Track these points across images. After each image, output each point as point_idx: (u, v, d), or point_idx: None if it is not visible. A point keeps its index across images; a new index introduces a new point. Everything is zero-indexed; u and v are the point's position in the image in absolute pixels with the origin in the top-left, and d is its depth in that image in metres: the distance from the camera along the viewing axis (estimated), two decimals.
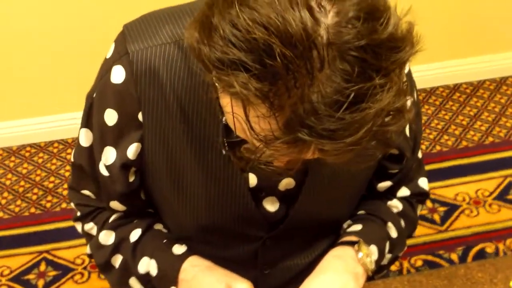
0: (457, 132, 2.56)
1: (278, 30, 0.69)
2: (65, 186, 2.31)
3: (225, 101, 0.78)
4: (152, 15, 1.00)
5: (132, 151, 1.01)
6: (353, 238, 1.10)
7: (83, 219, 1.16)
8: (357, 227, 1.13)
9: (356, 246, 1.07)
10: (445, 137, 2.54)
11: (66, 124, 2.45)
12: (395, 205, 1.19)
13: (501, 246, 2.13)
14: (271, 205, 1.08)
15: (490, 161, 2.45)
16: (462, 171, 2.41)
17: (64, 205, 2.25)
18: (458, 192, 2.33)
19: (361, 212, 1.18)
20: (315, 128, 0.69)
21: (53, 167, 2.39)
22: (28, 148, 2.46)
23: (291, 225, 1.10)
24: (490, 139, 2.54)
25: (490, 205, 2.28)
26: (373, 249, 1.10)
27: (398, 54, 0.71)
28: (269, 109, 0.70)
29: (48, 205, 2.25)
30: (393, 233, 1.16)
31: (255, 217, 1.07)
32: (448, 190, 2.33)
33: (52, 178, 2.35)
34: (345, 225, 1.17)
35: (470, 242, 2.15)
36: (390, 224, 1.16)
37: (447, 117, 2.63)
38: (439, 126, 2.59)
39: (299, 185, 1.05)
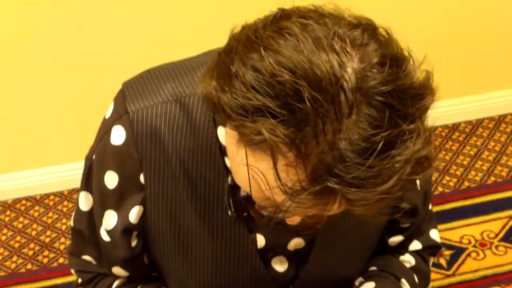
0: (458, 173, 2.54)
1: (306, 73, 0.67)
2: (62, 240, 2.26)
3: (240, 156, 0.75)
4: (151, 72, 0.97)
5: (134, 214, 0.98)
6: None
7: (85, 286, 1.12)
8: (370, 285, 1.09)
9: None
10: (447, 178, 2.52)
11: (62, 176, 2.42)
12: (408, 259, 1.15)
13: None
14: (280, 265, 1.04)
15: (494, 201, 2.42)
16: (465, 213, 2.37)
17: (61, 260, 2.20)
18: (463, 234, 2.29)
19: (373, 268, 1.14)
20: (344, 177, 0.67)
21: (49, 221, 2.34)
22: (23, 201, 2.42)
23: (301, 285, 1.06)
24: (492, 178, 2.51)
25: (496, 247, 2.24)
26: None
27: (421, 102, 0.70)
28: (296, 157, 0.68)
29: (45, 260, 2.20)
30: None
31: (264, 278, 1.03)
32: (452, 232, 2.30)
33: (48, 232, 2.30)
34: (357, 283, 1.13)
35: (479, 286, 2.11)
36: (403, 281, 1.12)
37: (447, 157, 2.61)
38: (440, 167, 2.56)
39: (309, 244, 1.02)
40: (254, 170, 0.74)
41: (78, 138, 2.30)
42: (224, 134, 0.90)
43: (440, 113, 2.69)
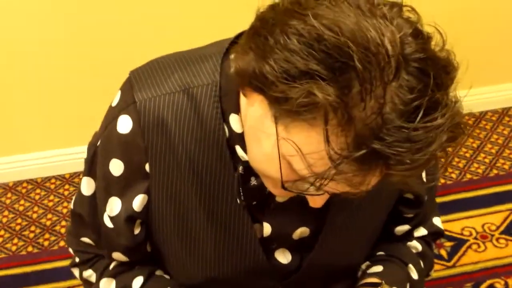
0: (460, 165, 2.53)
1: (353, 36, 0.68)
2: (63, 223, 2.26)
3: (272, 132, 0.75)
4: (159, 61, 0.96)
5: (138, 202, 0.97)
6: (375, 280, 1.07)
7: (82, 265, 1.12)
8: (378, 268, 1.09)
9: (379, 287, 1.03)
10: (449, 169, 2.51)
11: (63, 159, 2.41)
12: (415, 246, 1.16)
13: (510, 282, 2.09)
14: (283, 257, 1.04)
15: (496, 194, 2.42)
16: (467, 205, 2.38)
17: (62, 243, 2.20)
18: (464, 226, 2.29)
19: (381, 253, 1.14)
20: (388, 140, 0.68)
21: (50, 204, 2.34)
22: (24, 184, 2.42)
23: (305, 274, 1.06)
24: (495, 171, 2.51)
25: (497, 239, 2.24)
26: None
27: (449, 73, 0.73)
28: (342, 121, 0.68)
29: (46, 243, 2.20)
30: (414, 275, 1.13)
31: (267, 269, 1.03)
32: (454, 224, 2.30)
33: (49, 215, 2.30)
34: (364, 266, 1.13)
35: (479, 278, 2.11)
36: (411, 266, 1.13)
37: (450, 149, 2.59)
38: (442, 159, 2.55)
39: (314, 233, 1.02)
40: (290, 144, 0.73)
41: (80, 122, 2.30)
42: (238, 120, 0.90)
43: None
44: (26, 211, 2.32)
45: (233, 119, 0.90)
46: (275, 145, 0.76)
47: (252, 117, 0.80)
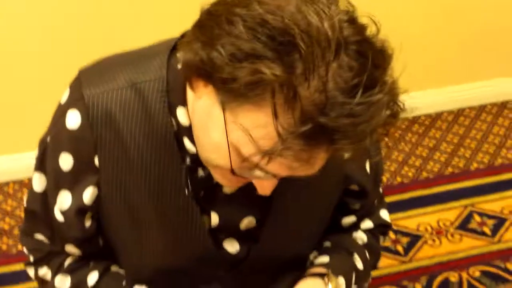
0: (417, 164, 2.58)
1: (296, 20, 0.72)
2: (19, 232, 2.25)
3: (219, 120, 0.78)
4: (108, 60, 0.98)
5: (88, 195, 0.99)
6: (321, 270, 1.09)
7: (37, 263, 1.12)
8: (325, 258, 1.12)
9: (325, 278, 1.06)
10: (406, 168, 2.56)
11: (22, 164, 2.40)
12: (360, 237, 1.19)
13: (464, 275, 2.13)
14: (231, 247, 1.06)
15: (450, 191, 2.47)
16: (423, 202, 2.42)
17: (20, 247, 2.19)
18: (420, 222, 2.33)
19: (327, 244, 1.17)
20: (332, 115, 0.72)
21: (8, 208, 2.33)
22: None
23: (253, 264, 1.08)
24: (450, 169, 2.56)
25: (452, 234, 2.29)
26: (341, 281, 1.09)
27: (385, 56, 0.78)
28: (288, 98, 0.72)
29: (4, 247, 2.19)
30: (359, 265, 1.16)
31: (216, 259, 1.05)
32: (410, 221, 2.34)
33: (7, 220, 2.29)
34: (311, 257, 1.16)
35: (434, 272, 2.15)
36: (356, 256, 1.16)
37: (406, 149, 2.65)
38: (400, 158, 2.60)
39: (260, 224, 1.04)
40: (238, 128, 0.76)
41: (39, 127, 2.29)
42: (185, 113, 0.92)
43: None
44: None
45: (180, 112, 0.93)
46: (223, 131, 0.79)
47: (200, 109, 0.83)
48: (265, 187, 0.88)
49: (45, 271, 1.12)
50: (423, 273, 2.14)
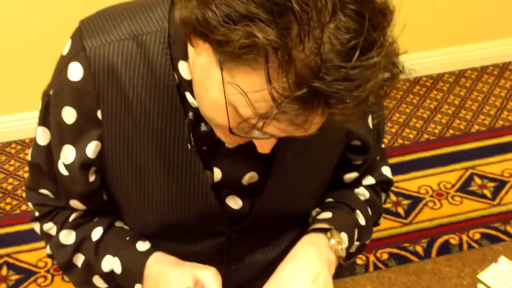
0: (418, 125, 2.58)
1: None
2: (24, 188, 2.26)
3: (217, 78, 0.77)
4: (108, 10, 0.97)
5: (91, 149, 0.99)
6: (324, 225, 1.10)
7: (42, 219, 1.13)
8: (327, 214, 1.13)
9: (328, 233, 1.07)
10: (407, 130, 2.56)
11: (24, 124, 2.41)
12: (362, 193, 1.20)
13: (464, 238, 2.15)
14: (234, 203, 1.07)
15: (451, 153, 2.48)
16: (424, 164, 2.43)
17: (24, 207, 2.20)
18: (421, 185, 2.34)
19: (330, 199, 1.18)
20: (327, 79, 0.71)
21: (11, 169, 2.34)
22: None
23: (256, 219, 1.09)
24: (451, 131, 2.56)
25: (452, 197, 2.30)
26: (344, 236, 1.10)
27: (386, 16, 0.75)
28: (283, 61, 0.71)
29: (8, 207, 2.20)
30: (362, 221, 1.16)
31: (219, 214, 1.06)
32: (411, 183, 2.35)
33: (10, 180, 2.30)
34: (314, 213, 1.17)
35: (434, 234, 2.17)
36: (358, 212, 1.16)
37: (408, 110, 2.65)
38: (401, 120, 2.60)
39: (263, 178, 1.05)
40: (235, 88, 0.76)
41: (39, 86, 2.29)
42: (187, 67, 0.92)
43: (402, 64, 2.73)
44: None
45: (182, 66, 0.93)
46: (221, 90, 0.78)
47: (199, 66, 0.83)
48: (264, 146, 0.88)
49: (50, 226, 1.13)
50: (423, 236, 2.17)
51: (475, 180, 2.36)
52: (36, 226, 1.16)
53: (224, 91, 0.78)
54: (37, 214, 1.14)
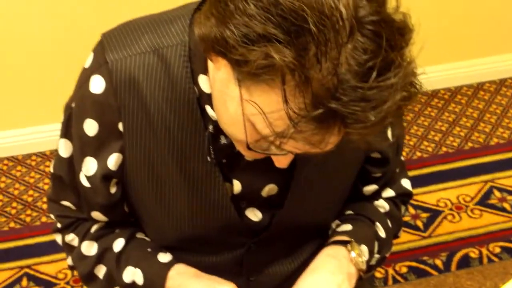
0: (436, 138, 2.58)
1: (308, 0, 0.71)
2: (45, 199, 2.27)
3: (236, 95, 0.78)
4: (130, 24, 0.99)
5: (113, 161, 1.00)
6: (344, 238, 1.10)
7: (64, 230, 1.14)
8: (347, 227, 1.13)
9: (349, 246, 1.07)
10: (425, 143, 2.56)
11: (44, 136, 2.43)
12: (382, 205, 1.19)
13: (484, 251, 2.13)
14: (253, 215, 1.07)
15: (470, 166, 2.46)
16: (443, 177, 2.42)
17: (44, 219, 2.22)
18: (440, 198, 2.33)
19: (349, 212, 1.18)
20: (344, 99, 0.71)
21: (31, 181, 2.36)
22: (5, 161, 2.43)
23: (275, 231, 1.09)
24: (470, 144, 2.55)
25: (472, 210, 2.29)
26: (364, 249, 1.10)
27: (404, 36, 0.75)
28: (300, 82, 0.71)
29: (28, 219, 2.22)
30: (382, 233, 1.16)
31: (239, 226, 1.07)
32: (429, 196, 2.34)
33: (31, 192, 2.32)
34: (333, 225, 1.17)
35: (454, 248, 2.16)
36: (378, 224, 1.16)
37: (426, 123, 2.64)
38: (419, 133, 2.60)
39: (282, 191, 1.05)
40: (252, 105, 0.76)
41: (59, 99, 2.30)
42: (207, 81, 0.93)
43: (420, 79, 2.72)
44: (7, 187, 2.33)
45: (202, 80, 0.94)
46: (239, 107, 0.79)
47: (218, 81, 0.84)
48: (281, 161, 0.89)
49: (72, 237, 1.14)
50: (443, 249, 2.15)
51: (495, 193, 2.35)
52: (58, 238, 1.17)
53: (242, 108, 0.79)
54: (59, 225, 1.15)
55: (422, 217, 2.26)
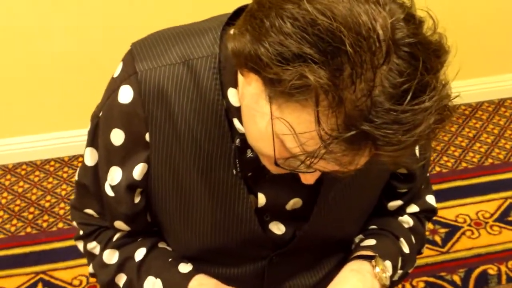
0: (456, 154, 2.56)
1: (345, 21, 0.70)
2: (62, 205, 2.28)
3: (266, 111, 0.77)
4: (160, 34, 0.98)
5: (138, 171, 1.00)
6: (369, 253, 1.09)
7: (86, 238, 1.14)
8: (371, 241, 1.12)
9: (373, 261, 1.06)
10: (445, 158, 2.54)
11: (62, 142, 2.43)
12: (406, 220, 1.18)
13: (503, 268, 2.11)
14: (277, 229, 1.07)
15: (490, 182, 2.44)
16: (462, 193, 2.40)
17: (60, 225, 2.22)
18: (459, 213, 2.31)
19: (373, 226, 1.17)
20: (377, 122, 0.71)
21: (49, 186, 2.36)
22: (24, 166, 2.44)
23: (299, 244, 1.08)
24: (490, 160, 2.53)
25: (491, 226, 2.26)
26: (388, 264, 1.08)
27: (440, 57, 0.75)
28: (333, 103, 0.71)
29: (45, 224, 2.22)
30: (405, 249, 1.15)
31: (261, 239, 1.06)
32: (448, 211, 2.32)
33: (48, 197, 2.32)
34: (357, 239, 1.16)
35: (472, 264, 2.13)
36: (402, 240, 1.15)
37: (446, 138, 2.63)
38: (439, 148, 2.58)
39: (307, 204, 1.04)
40: (283, 123, 0.76)
41: (79, 105, 2.31)
42: (236, 94, 0.92)
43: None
44: (25, 192, 2.34)
45: (231, 93, 0.93)
46: (269, 123, 0.78)
47: (249, 95, 0.83)
48: (308, 178, 0.88)
49: (93, 245, 1.13)
50: (461, 265, 2.12)
51: None
52: (80, 245, 1.16)
53: (272, 126, 0.78)
54: (81, 232, 1.14)
55: (440, 232, 2.24)
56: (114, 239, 1.11)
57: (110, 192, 1.03)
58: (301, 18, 0.71)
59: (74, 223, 1.15)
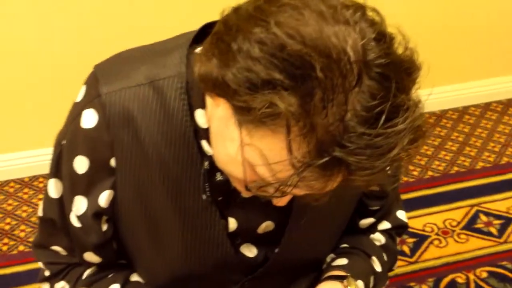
0: (422, 162, 2.56)
1: (315, 45, 0.68)
2: (22, 227, 2.22)
3: (235, 136, 0.75)
4: (124, 55, 0.94)
5: (104, 198, 0.95)
6: (340, 272, 1.07)
7: (53, 278, 1.08)
8: (343, 261, 1.10)
9: (345, 281, 1.04)
10: (411, 167, 2.54)
11: (23, 162, 2.37)
12: (378, 238, 1.17)
13: (471, 276, 2.12)
14: (248, 251, 1.04)
15: (456, 190, 2.45)
16: (429, 202, 2.41)
17: (21, 248, 2.16)
18: (426, 222, 2.32)
19: (345, 245, 1.15)
20: (350, 147, 0.68)
21: (9, 208, 2.30)
22: None
23: (271, 267, 1.06)
24: (455, 168, 2.54)
25: (458, 235, 2.27)
26: (360, 284, 1.07)
27: (412, 75, 0.73)
28: (304, 129, 0.68)
29: (5, 248, 2.16)
30: (377, 267, 1.14)
31: (234, 263, 1.03)
32: (416, 220, 2.32)
33: (8, 220, 2.25)
34: (328, 259, 1.14)
35: (441, 273, 2.13)
36: (374, 258, 1.14)
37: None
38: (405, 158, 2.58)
39: (279, 227, 1.02)
40: (252, 149, 0.73)
41: (39, 125, 2.26)
42: (204, 115, 0.89)
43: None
44: None
45: (199, 114, 0.89)
46: (239, 149, 0.76)
47: (217, 118, 0.80)
48: (280, 201, 0.86)
49: (62, 285, 1.08)
50: (430, 274, 2.12)
51: (481, 218, 2.33)
52: (46, 287, 1.10)
53: (242, 152, 0.75)
54: (47, 273, 1.08)
55: (408, 242, 2.24)
56: (84, 276, 1.06)
57: (76, 223, 0.99)
58: (270, 42, 0.69)
59: (40, 264, 1.09)
